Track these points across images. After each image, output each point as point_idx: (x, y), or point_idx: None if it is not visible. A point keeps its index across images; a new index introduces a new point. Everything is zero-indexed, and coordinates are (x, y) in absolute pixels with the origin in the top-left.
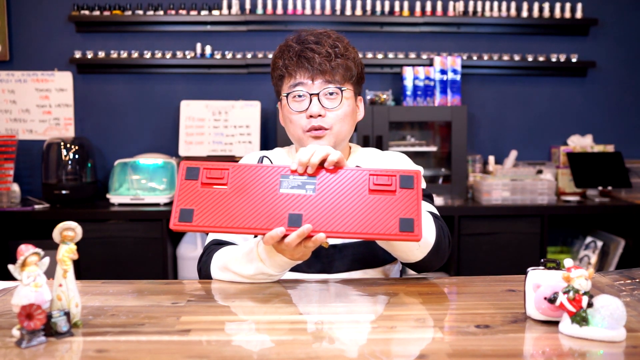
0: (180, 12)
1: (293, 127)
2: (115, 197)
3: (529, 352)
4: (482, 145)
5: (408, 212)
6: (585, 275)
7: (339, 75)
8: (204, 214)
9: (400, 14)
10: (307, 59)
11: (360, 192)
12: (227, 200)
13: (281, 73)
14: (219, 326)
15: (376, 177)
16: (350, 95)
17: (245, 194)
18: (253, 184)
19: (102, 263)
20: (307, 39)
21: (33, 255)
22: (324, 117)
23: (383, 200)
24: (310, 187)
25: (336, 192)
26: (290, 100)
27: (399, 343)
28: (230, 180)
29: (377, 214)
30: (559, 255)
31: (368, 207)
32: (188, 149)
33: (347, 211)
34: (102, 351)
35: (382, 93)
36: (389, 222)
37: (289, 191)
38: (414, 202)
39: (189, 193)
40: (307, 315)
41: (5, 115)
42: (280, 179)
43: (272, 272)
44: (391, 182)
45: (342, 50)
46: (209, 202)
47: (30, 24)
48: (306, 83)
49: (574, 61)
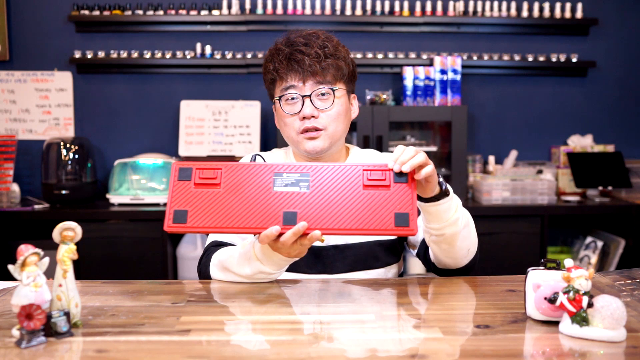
0: (180, 12)
1: (287, 129)
2: (115, 197)
3: (529, 352)
4: (482, 145)
5: (403, 207)
6: (585, 276)
7: (329, 75)
8: (198, 215)
9: (400, 14)
10: (296, 62)
11: (354, 188)
12: (221, 200)
13: (272, 77)
14: (219, 326)
15: (370, 173)
16: (343, 94)
17: (239, 193)
18: (247, 183)
19: (102, 263)
20: (295, 41)
21: (33, 255)
22: (317, 117)
23: (377, 195)
24: (304, 184)
25: (330, 188)
26: (283, 103)
27: (399, 343)
28: (224, 179)
29: (372, 209)
30: (559, 255)
31: (362, 202)
32: (188, 149)
33: (342, 207)
34: (102, 351)
35: (382, 93)
36: (384, 217)
37: (283, 189)
38: (409, 196)
39: (182, 194)
40: (306, 315)
41: (5, 115)
42: (274, 177)
43: (269, 271)
44: (385, 176)
45: (331, 50)
46: (202, 203)
47: (30, 23)
48: (297, 85)
49: (574, 61)
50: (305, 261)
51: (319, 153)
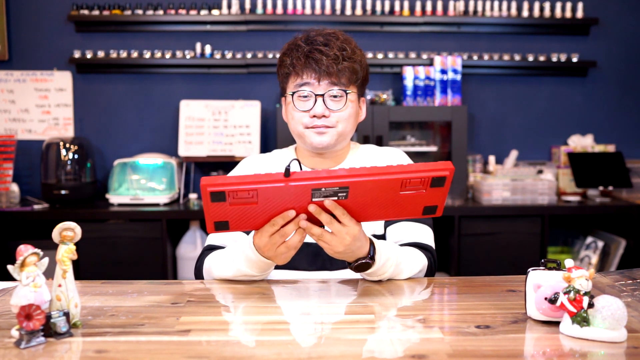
0: (180, 11)
1: (295, 123)
2: (114, 197)
3: (530, 352)
4: (482, 145)
5: (433, 202)
6: (586, 276)
7: (345, 77)
8: (239, 223)
9: (400, 14)
10: (315, 60)
11: (391, 195)
12: (260, 212)
13: (288, 71)
14: (219, 326)
15: (409, 181)
16: (354, 97)
17: (279, 207)
18: (285, 200)
19: (101, 263)
20: (315, 40)
21: (32, 255)
22: (328, 117)
23: (412, 197)
24: (342, 194)
25: (368, 195)
26: (295, 98)
27: (399, 343)
28: (260, 198)
29: (404, 207)
30: (559, 255)
31: (396, 203)
32: (188, 149)
33: (377, 209)
34: (102, 351)
35: (382, 93)
36: (413, 211)
37: (322, 199)
38: (442, 195)
39: (218, 212)
40: (306, 315)
41: (5, 115)
42: (312, 192)
43: (253, 273)
44: (422, 185)
45: (349, 53)
46: (242, 216)
47: (30, 23)
48: (312, 83)
49: (574, 61)
50: (306, 258)
51: (325, 148)
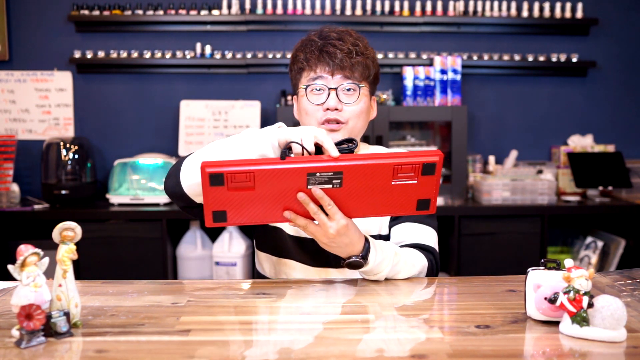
0: (180, 11)
1: (308, 118)
2: (114, 197)
3: (530, 352)
4: (482, 145)
5: (426, 194)
6: (585, 276)
7: (357, 72)
8: (237, 213)
9: (400, 14)
10: (328, 54)
11: (383, 183)
12: (257, 199)
13: (301, 66)
14: (219, 326)
15: (400, 167)
16: (367, 93)
17: (274, 193)
18: (281, 184)
19: (101, 263)
20: (329, 35)
21: (32, 255)
22: (341, 111)
23: (404, 187)
24: (337, 181)
25: (361, 184)
26: (308, 92)
27: (399, 343)
28: (257, 182)
29: (397, 199)
30: (559, 255)
31: (389, 194)
32: (188, 149)
33: (370, 199)
34: (102, 351)
35: (382, 93)
36: (407, 204)
37: (317, 187)
38: (433, 186)
39: (217, 198)
40: (307, 315)
41: (5, 115)
42: (307, 177)
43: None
44: (414, 172)
45: (362, 49)
46: (239, 203)
47: (30, 23)
48: (326, 77)
49: (574, 61)
50: (309, 255)
51: None
